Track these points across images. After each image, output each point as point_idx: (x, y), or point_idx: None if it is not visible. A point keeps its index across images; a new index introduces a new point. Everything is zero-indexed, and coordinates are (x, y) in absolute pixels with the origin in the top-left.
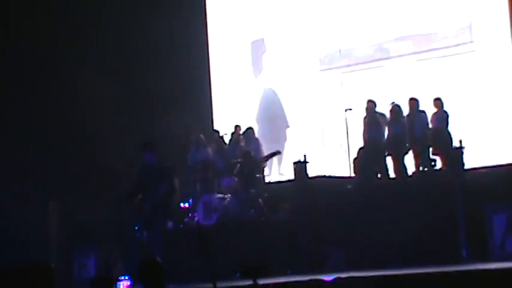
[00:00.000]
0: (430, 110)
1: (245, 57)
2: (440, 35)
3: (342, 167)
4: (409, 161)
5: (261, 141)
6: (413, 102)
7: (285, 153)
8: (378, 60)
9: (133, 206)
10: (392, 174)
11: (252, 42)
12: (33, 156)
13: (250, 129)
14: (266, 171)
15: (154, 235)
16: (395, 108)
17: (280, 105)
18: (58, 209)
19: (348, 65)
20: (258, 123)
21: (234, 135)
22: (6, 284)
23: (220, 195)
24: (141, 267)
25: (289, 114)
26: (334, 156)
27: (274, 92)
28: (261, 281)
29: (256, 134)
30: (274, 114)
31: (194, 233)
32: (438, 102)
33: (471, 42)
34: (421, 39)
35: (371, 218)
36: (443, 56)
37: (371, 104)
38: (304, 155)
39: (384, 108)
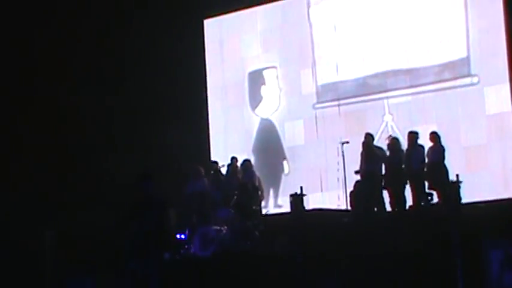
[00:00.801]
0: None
1: (242, 88)
2: (437, 68)
3: (339, 200)
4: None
5: (257, 172)
6: (412, 135)
7: (281, 185)
8: (374, 93)
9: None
10: (388, 208)
11: (249, 73)
12: (31, 184)
13: (247, 161)
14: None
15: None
16: (393, 142)
17: (278, 136)
18: (54, 238)
19: (344, 98)
20: (254, 154)
21: (231, 166)
22: None
23: (216, 227)
24: None
25: (286, 146)
26: (330, 189)
27: (272, 123)
28: None
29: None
30: (271, 145)
31: (190, 264)
32: (434, 136)
33: (469, 75)
34: (418, 72)
35: (367, 252)
36: (441, 89)
37: (368, 137)
38: (301, 188)
39: (381, 141)
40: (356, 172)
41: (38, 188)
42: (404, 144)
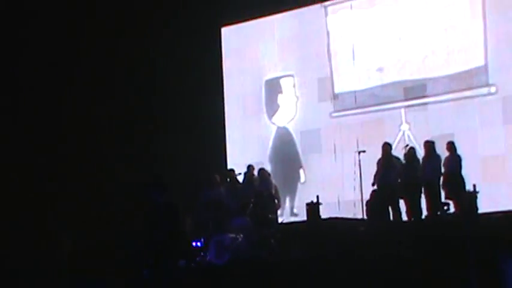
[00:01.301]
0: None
1: (259, 97)
2: (454, 77)
3: (355, 208)
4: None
5: (274, 180)
6: (429, 145)
7: (297, 194)
8: (391, 102)
9: (139, 246)
10: (405, 217)
11: (266, 81)
12: (45, 187)
13: (263, 169)
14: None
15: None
16: (410, 151)
17: (294, 145)
18: (69, 239)
19: (361, 107)
20: (270, 162)
21: (247, 175)
22: None
23: (232, 235)
24: None
25: (302, 154)
26: (347, 198)
27: (288, 132)
28: None
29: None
30: (287, 154)
31: (206, 272)
32: (451, 145)
33: (487, 85)
34: (436, 81)
35: (383, 261)
36: (458, 99)
37: (386, 146)
38: (317, 196)
39: (398, 151)
40: (373, 184)
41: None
42: (420, 154)
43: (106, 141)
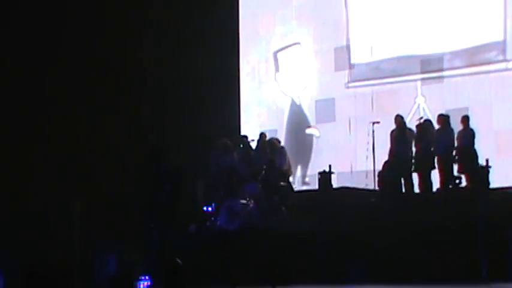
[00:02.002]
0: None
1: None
2: (471, 51)
3: (367, 179)
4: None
5: (286, 148)
6: (442, 118)
7: (310, 163)
8: (407, 74)
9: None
10: (417, 190)
11: (276, 52)
12: (59, 154)
13: (274, 138)
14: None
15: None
16: (424, 124)
17: (306, 115)
18: (82, 206)
19: (377, 78)
20: (285, 130)
21: (260, 142)
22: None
23: (243, 201)
24: (163, 268)
25: (316, 123)
26: (359, 168)
27: (300, 102)
28: None
29: (283, 142)
30: (300, 123)
31: (216, 237)
32: (465, 119)
33: (505, 60)
34: (453, 54)
35: (393, 232)
36: (475, 73)
37: (399, 118)
38: (330, 166)
39: (412, 123)
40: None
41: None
42: (435, 127)
43: (118, 103)
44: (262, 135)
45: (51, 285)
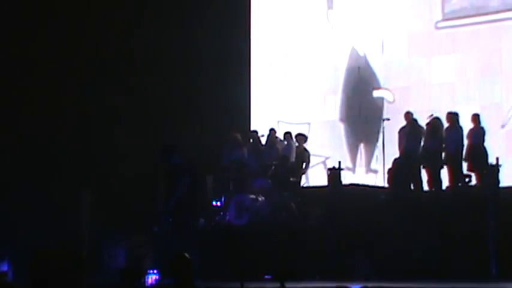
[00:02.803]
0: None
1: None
2: None
3: (376, 176)
4: (445, 175)
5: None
6: (451, 116)
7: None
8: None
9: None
10: (426, 187)
11: None
12: (68, 144)
13: (288, 133)
14: (303, 179)
15: (183, 231)
16: (434, 122)
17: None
18: (91, 198)
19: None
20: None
21: (269, 137)
22: (38, 269)
23: (252, 196)
24: (172, 262)
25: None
26: (369, 165)
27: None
28: (289, 285)
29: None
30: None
31: (225, 232)
32: (476, 117)
33: None
34: None
35: (402, 229)
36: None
37: (409, 115)
38: (339, 162)
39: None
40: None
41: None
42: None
43: (126, 93)
44: (271, 130)
45: (60, 275)
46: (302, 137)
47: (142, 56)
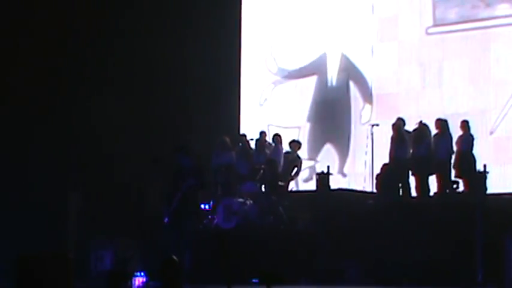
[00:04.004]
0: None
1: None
2: None
3: (365, 181)
4: (433, 182)
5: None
6: (440, 123)
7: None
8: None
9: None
10: (414, 193)
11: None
12: (55, 146)
13: (277, 135)
14: (292, 184)
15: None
16: (420, 128)
17: None
18: (78, 199)
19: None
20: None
21: (259, 141)
22: (24, 271)
23: (241, 200)
24: (161, 265)
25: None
26: (357, 170)
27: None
28: None
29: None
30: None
31: (212, 235)
32: (465, 124)
33: None
34: None
35: (390, 235)
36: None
37: (399, 121)
38: (328, 167)
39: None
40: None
41: (64, 149)
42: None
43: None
44: (262, 133)
45: (47, 279)
46: (296, 144)
47: (131, 59)
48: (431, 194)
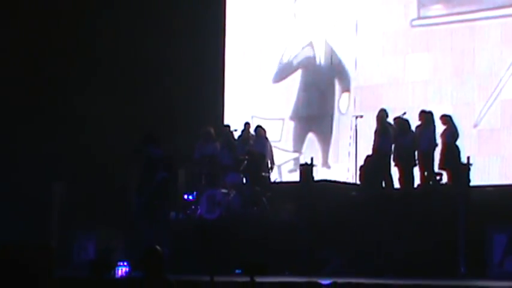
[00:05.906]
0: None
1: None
2: None
3: (348, 173)
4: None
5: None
6: (424, 115)
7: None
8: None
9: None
10: (397, 185)
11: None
12: (39, 137)
13: (260, 127)
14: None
15: (156, 224)
16: (399, 121)
17: None
18: (62, 190)
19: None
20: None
21: (243, 132)
22: (6, 261)
23: (224, 191)
24: (143, 255)
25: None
26: (341, 161)
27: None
28: (258, 279)
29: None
30: None
31: (196, 226)
32: (446, 119)
33: None
34: None
35: (373, 226)
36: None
37: (382, 113)
38: (312, 158)
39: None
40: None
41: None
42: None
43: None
44: (246, 125)
45: (29, 267)
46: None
47: (114, 52)
48: (415, 185)
